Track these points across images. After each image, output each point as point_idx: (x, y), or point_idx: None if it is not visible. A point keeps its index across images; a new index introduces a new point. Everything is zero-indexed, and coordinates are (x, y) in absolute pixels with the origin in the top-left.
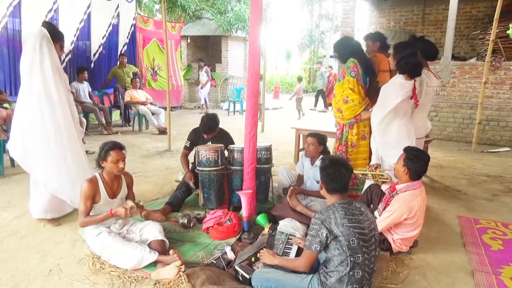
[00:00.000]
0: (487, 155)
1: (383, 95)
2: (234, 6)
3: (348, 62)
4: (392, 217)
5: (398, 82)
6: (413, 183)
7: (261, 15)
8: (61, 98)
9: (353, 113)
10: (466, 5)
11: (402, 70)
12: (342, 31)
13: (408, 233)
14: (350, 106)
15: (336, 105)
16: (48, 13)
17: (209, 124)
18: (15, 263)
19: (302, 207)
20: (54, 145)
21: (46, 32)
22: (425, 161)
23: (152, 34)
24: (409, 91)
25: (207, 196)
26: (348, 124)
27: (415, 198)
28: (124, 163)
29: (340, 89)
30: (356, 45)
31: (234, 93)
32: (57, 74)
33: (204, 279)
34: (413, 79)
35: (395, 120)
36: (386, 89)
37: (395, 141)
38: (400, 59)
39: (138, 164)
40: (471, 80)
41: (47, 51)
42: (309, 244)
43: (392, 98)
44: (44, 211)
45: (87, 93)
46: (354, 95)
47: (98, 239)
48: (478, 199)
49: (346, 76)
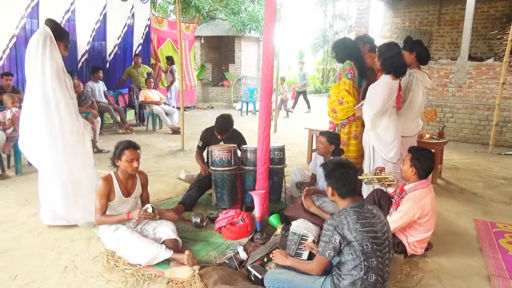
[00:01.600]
0: (504, 158)
1: (372, 94)
2: (247, 7)
3: (345, 64)
4: (405, 217)
5: (385, 82)
6: (421, 182)
7: (275, 15)
8: (58, 103)
9: (346, 114)
10: (484, 5)
11: (388, 70)
12: (356, 31)
13: (423, 234)
14: (344, 107)
15: (331, 105)
16: (66, 14)
17: (224, 125)
18: (31, 260)
19: (316, 208)
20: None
21: (49, 30)
22: (431, 159)
23: (166, 35)
24: (395, 90)
25: (220, 196)
26: (341, 124)
27: (425, 196)
28: (139, 162)
29: (336, 90)
30: (354, 48)
31: (247, 93)
32: (58, 78)
33: (216, 278)
34: (399, 78)
35: (384, 119)
36: (374, 89)
37: (385, 138)
38: (385, 59)
39: (151, 163)
40: (488, 81)
41: (49, 51)
42: (322, 250)
43: (380, 97)
44: (53, 218)
45: (102, 92)
46: (349, 97)
47: (116, 234)
48: (495, 202)
49: (343, 78)
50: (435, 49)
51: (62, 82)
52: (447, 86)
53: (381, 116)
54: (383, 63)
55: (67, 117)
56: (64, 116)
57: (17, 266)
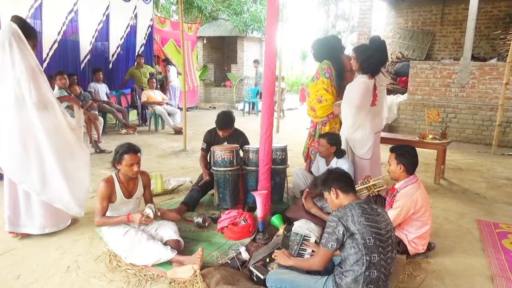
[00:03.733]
0: (507, 158)
1: (350, 93)
2: (250, 7)
3: (322, 63)
4: (402, 214)
5: (363, 81)
6: (409, 178)
7: (278, 15)
8: (37, 103)
9: (326, 112)
10: (487, 5)
11: (365, 70)
12: (359, 31)
13: (421, 229)
14: (323, 105)
15: (310, 103)
16: (69, 15)
17: (225, 120)
18: (34, 259)
19: (317, 210)
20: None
21: (16, 28)
22: (414, 153)
23: (169, 35)
24: (371, 89)
25: (222, 196)
26: (321, 122)
27: (416, 190)
28: (139, 166)
29: (314, 89)
30: (332, 48)
31: (249, 94)
32: (33, 78)
33: (218, 278)
34: (374, 78)
35: (361, 116)
36: (352, 88)
37: (359, 134)
38: (362, 61)
39: (154, 163)
40: (492, 81)
41: (18, 50)
42: (325, 241)
43: (358, 95)
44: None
45: (104, 93)
46: (327, 95)
47: (126, 238)
48: (498, 202)
49: (321, 77)
50: (438, 49)
51: (40, 81)
52: (450, 87)
53: (359, 113)
54: (361, 64)
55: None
56: (45, 114)
57: (20, 265)
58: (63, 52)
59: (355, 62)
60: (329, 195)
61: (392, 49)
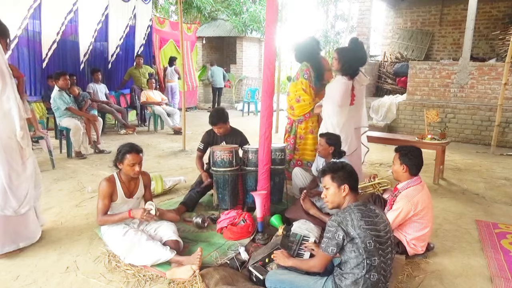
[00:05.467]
0: (506, 158)
1: (331, 94)
2: (249, 7)
3: (302, 65)
4: (400, 216)
5: (343, 82)
6: (413, 179)
7: (277, 16)
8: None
9: (303, 111)
10: (486, 5)
11: (346, 72)
12: (358, 31)
13: (420, 231)
14: (301, 105)
15: (289, 102)
16: (68, 15)
17: (217, 115)
18: (33, 260)
19: (315, 211)
20: None
21: None
22: (419, 154)
23: (168, 35)
24: (350, 89)
25: (222, 197)
26: (298, 120)
27: (418, 192)
28: (141, 166)
29: (294, 89)
30: (312, 51)
31: (248, 94)
32: (2, 81)
33: (218, 279)
34: (353, 79)
35: (344, 114)
36: (334, 88)
37: (346, 131)
38: (345, 62)
39: (153, 164)
40: (490, 81)
41: None
42: (325, 246)
43: (339, 95)
44: None
45: (103, 94)
46: (305, 95)
47: (126, 239)
48: (497, 203)
49: (300, 78)
50: (437, 50)
51: (8, 84)
52: (449, 87)
53: (343, 112)
54: (343, 66)
55: (10, 122)
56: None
57: (19, 266)
58: (62, 53)
59: (336, 63)
60: (337, 188)
61: (391, 50)
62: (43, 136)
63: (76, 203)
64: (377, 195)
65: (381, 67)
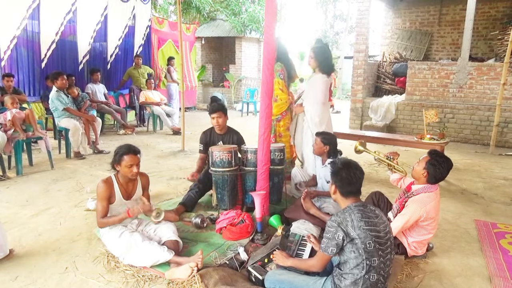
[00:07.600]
0: (505, 158)
1: (314, 93)
2: (248, 7)
3: (277, 65)
4: (410, 221)
5: (324, 80)
6: (430, 185)
7: (276, 16)
8: None
9: (280, 110)
10: (484, 5)
11: (325, 70)
12: (357, 31)
13: (424, 236)
14: (278, 104)
15: None
16: (67, 15)
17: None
18: (32, 260)
19: (316, 210)
20: None
21: None
22: (447, 169)
23: (167, 36)
24: (329, 86)
25: (221, 197)
26: (276, 119)
27: (431, 201)
28: (138, 167)
29: None
30: (283, 52)
31: (247, 94)
32: None
33: (217, 279)
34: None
35: (326, 111)
36: (317, 87)
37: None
38: (323, 61)
39: (152, 164)
40: (489, 81)
41: None
42: (325, 246)
43: (322, 92)
44: None
45: (102, 94)
46: (282, 94)
47: (122, 239)
48: (496, 203)
49: (276, 78)
50: (435, 50)
51: None
52: (447, 87)
53: (325, 110)
54: (322, 64)
55: None
56: None
57: (18, 266)
58: (61, 53)
59: (313, 62)
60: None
61: (390, 50)
62: (42, 136)
63: (75, 204)
64: (380, 195)
65: (380, 67)
